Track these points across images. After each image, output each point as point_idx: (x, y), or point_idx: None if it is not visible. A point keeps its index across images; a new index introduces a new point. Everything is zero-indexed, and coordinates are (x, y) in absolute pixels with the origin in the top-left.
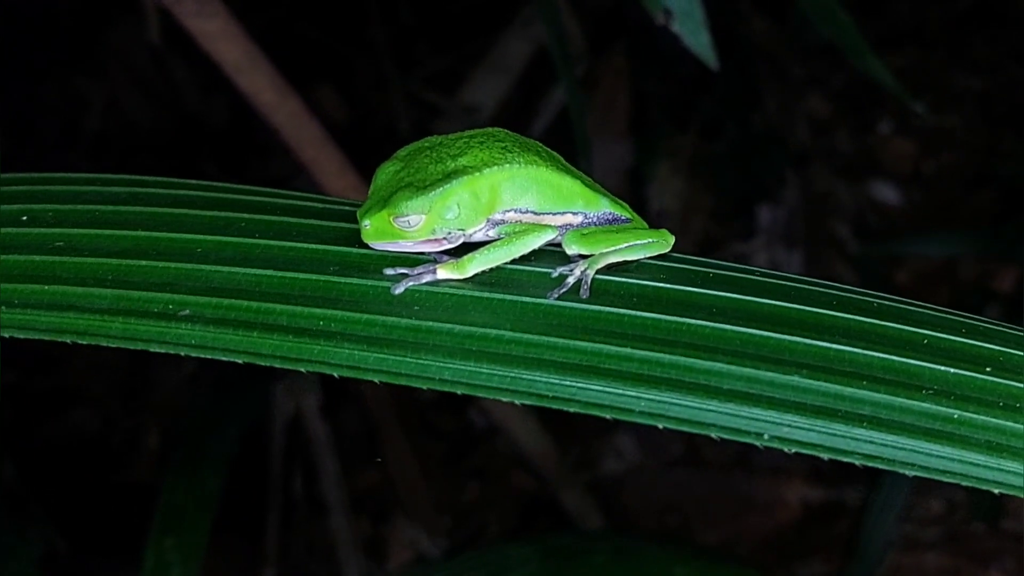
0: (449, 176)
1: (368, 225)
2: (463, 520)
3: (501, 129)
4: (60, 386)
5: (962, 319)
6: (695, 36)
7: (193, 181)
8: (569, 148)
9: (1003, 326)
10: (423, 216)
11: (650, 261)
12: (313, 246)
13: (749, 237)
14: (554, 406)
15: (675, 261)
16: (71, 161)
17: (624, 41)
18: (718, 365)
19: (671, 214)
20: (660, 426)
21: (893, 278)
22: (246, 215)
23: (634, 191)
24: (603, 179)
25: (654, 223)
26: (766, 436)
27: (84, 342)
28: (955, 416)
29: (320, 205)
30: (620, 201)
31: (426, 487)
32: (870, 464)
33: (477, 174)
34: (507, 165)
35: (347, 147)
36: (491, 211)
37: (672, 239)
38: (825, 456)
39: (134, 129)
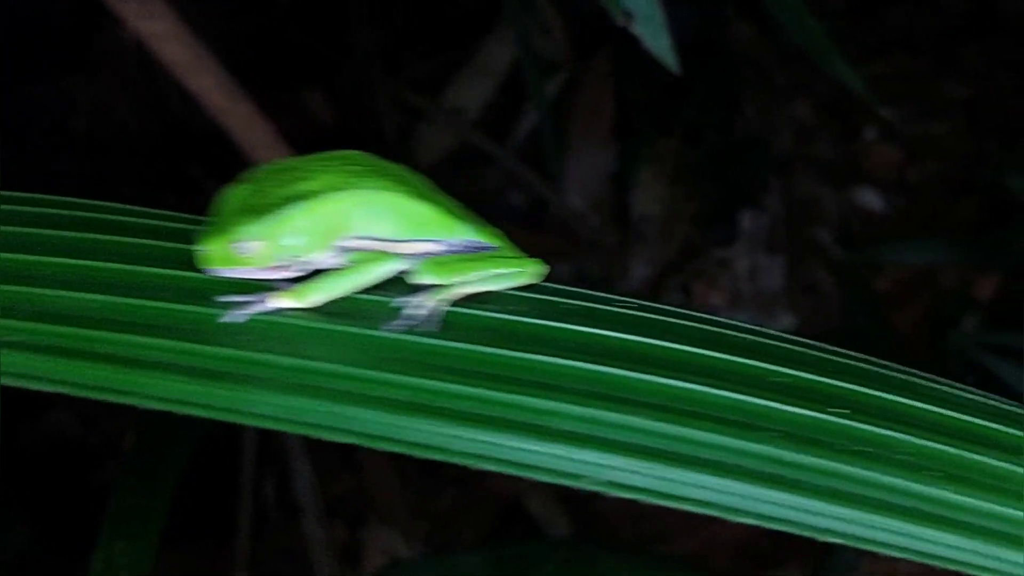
0: (291, 201)
1: (206, 250)
2: (440, 526)
3: (361, 152)
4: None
5: (811, 352)
6: (656, 39)
7: (38, 196)
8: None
9: (871, 363)
10: (261, 243)
11: (514, 292)
12: (153, 270)
13: (730, 243)
14: (371, 445)
15: (546, 292)
16: (62, 163)
17: (609, 46)
18: (552, 404)
19: (653, 220)
20: (478, 467)
21: (874, 285)
22: (90, 235)
23: (617, 197)
24: (586, 184)
25: (636, 229)
26: (589, 479)
27: None
28: (791, 460)
29: (173, 225)
30: (490, 229)
31: (402, 492)
32: (702, 511)
33: (319, 199)
34: (353, 190)
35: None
36: (336, 238)
37: (543, 269)
38: (652, 501)
39: (123, 131)
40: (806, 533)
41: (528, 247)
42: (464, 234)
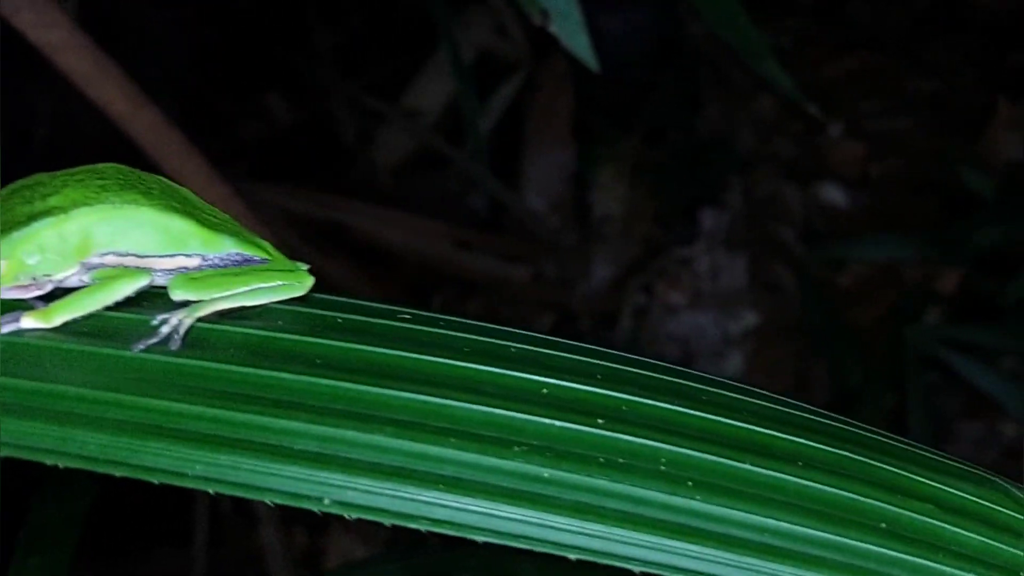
0: (32, 218)
1: None
2: (401, 529)
3: (114, 165)
4: None
5: (599, 363)
6: (573, 38)
7: None
8: (513, 150)
9: (641, 366)
10: (5, 261)
11: (278, 306)
12: None
13: (691, 242)
14: (101, 470)
15: (314, 305)
16: (23, 171)
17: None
18: (294, 424)
19: (614, 219)
20: (211, 491)
21: (837, 281)
22: None
23: (577, 197)
24: (545, 185)
25: (596, 229)
26: (327, 501)
27: None
28: (545, 475)
29: None
30: (258, 241)
31: None
32: (437, 529)
33: (63, 215)
34: (99, 205)
35: (293, 154)
36: (84, 255)
37: (310, 281)
38: (384, 521)
39: (84, 138)
40: (546, 549)
41: (487, 249)
42: (227, 247)
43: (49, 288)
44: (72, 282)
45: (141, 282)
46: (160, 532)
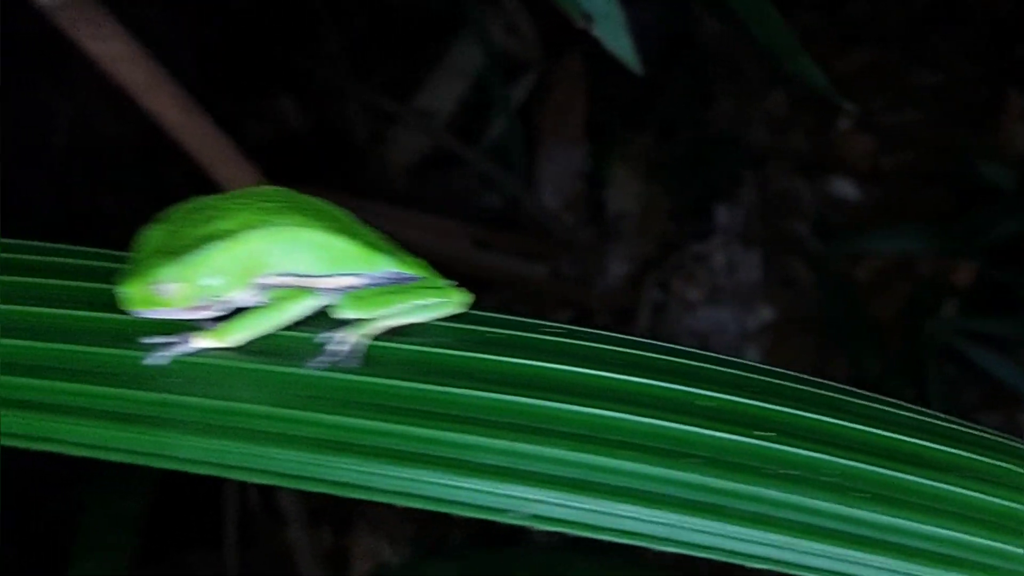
0: (206, 242)
1: (127, 292)
2: (426, 528)
3: (278, 188)
4: None
5: (738, 373)
6: (616, 40)
7: None
8: (526, 149)
9: (800, 382)
10: (179, 284)
11: (440, 323)
12: (74, 312)
13: (707, 238)
14: (301, 487)
15: (473, 322)
16: (40, 176)
17: (579, 44)
18: (473, 438)
19: (629, 216)
20: (404, 504)
21: (852, 275)
22: (7, 277)
23: (591, 195)
24: (559, 183)
25: (611, 226)
26: (514, 514)
27: None
28: (720, 487)
29: (94, 263)
30: (413, 259)
31: None
32: (625, 541)
33: (234, 239)
34: (269, 228)
35: (305, 156)
36: (254, 276)
37: (468, 298)
38: (576, 533)
39: (102, 143)
40: (736, 560)
41: (504, 247)
42: (385, 266)
43: (220, 309)
44: (244, 303)
45: (315, 303)
46: (190, 535)
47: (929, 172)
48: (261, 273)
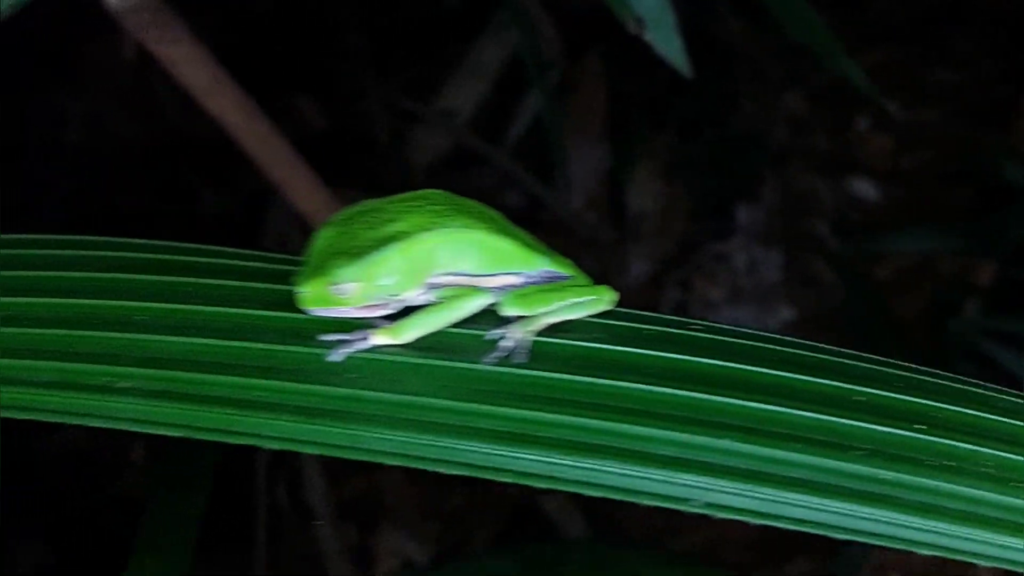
0: (383, 242)
1: (304, 292)
2: (451, 526)
3: (439, 191)
4: None
5: (898, 372)
6: (667, 43)
7: (139, 241)
8: (547, 153)
9: (941, 377)
10: (358, 284)
11: (591, 319)
12: (253, 312)
13: (727, 237)
14: (486, 476)
15: (617, 318)
16: (54, 176)
17: (601, 44)
18: (648, 430)
19: (650, 216)
20: (592, 495)
21: (874, 274)
22: (189, 279)
23: (612, 194)
24: (582, 183)
25: (633, 225)
26: (695, 502)
27: (22, 417)
28: (885, 477)
29: (264, 265)
30: (561, 258)
31: (413, 493)
32: (798, 528)
33: (411, 240)
34: (441, 229)
35: (326, 156)
36: (427, 276)
37: (615, 295)
38: (753, 521)
39: (117, 142)
40: (899, 546)
41: None
42: (541, 265)
43: (394, 308)
44: (415, 302)
45: (485, 300)
46: (218, 532)
47: (949, 171)
48: (433, 273)
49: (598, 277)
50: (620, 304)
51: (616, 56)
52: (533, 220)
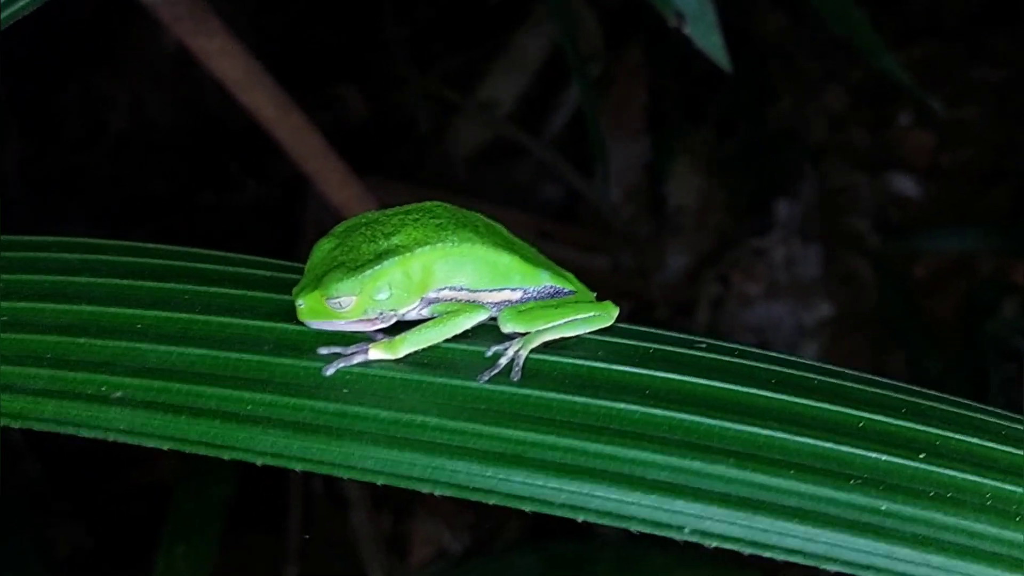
0: (380, 257)
1: (302, 304)
2: (485, 515)
3: (440, 204)
4: None
5: (904, 398)
6: (707, 38)
7: (145, 246)
8: (586, 146)
9: (947, 402)
10: (354, 297)
11: (591, 336)
12: (251, 322)
13: (766, 232)
14: (473, 497)
15: (620, 335)
16: (94, 160)
17: (640, 38)
18: (643, 454)
19: (688, 210)
20: (579, 519)
21: (911, 272)
22: (191, 286)
23: (651, 188)
24: (620, 176)
25: (672, 220)
26: (687, 530)
27: (16, 425)
28: (883, 508)
29: (267, 273)
30: (565, 273)
31: None
32: (790, 559)
33: (408, 254)
34: (439, 244)
35: (366, 145)
36: (424, 290)
37: (616, 311)
38: (746, 551)
39: (156, 128)
40: None
41: (564, 240)
42: (543, 280)
43: (392, 321)
44: (411, 316)
45: (482, 316)
46: (252, 518)
47: (989, 169)
48: (431, 287)
49: (635, 271)
50: (659, 298)
51: (656, 50)
52: (571, 212)
